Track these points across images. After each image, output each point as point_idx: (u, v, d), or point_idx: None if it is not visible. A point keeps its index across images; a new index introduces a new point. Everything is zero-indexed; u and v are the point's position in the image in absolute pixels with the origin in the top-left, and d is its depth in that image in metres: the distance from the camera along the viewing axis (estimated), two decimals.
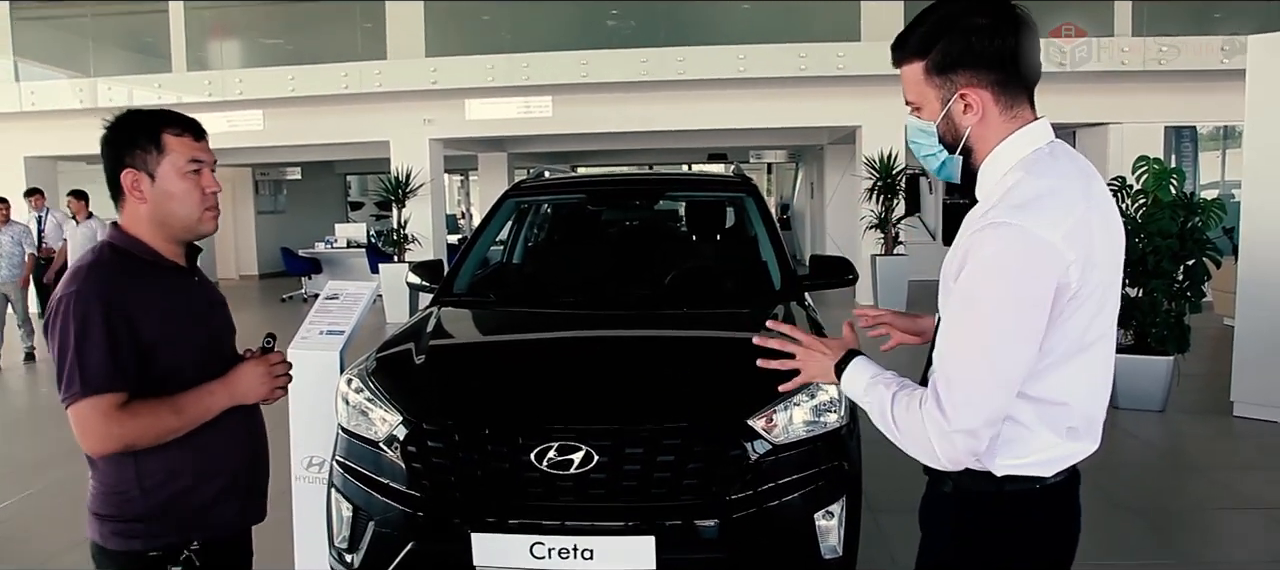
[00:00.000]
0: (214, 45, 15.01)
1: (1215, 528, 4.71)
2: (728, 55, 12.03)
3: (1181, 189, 6.62)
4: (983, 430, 1.61)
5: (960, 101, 1.66)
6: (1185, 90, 11.78)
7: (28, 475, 5.77)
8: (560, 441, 2.90)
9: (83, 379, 1.84)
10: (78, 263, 1.96)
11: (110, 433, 1.86)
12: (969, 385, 1.59)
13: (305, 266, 15.63)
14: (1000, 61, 1.64)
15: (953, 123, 1.69)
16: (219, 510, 2.08)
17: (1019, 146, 1.67)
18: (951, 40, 1.65)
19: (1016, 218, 1.55)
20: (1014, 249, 1.54)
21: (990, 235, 1.56)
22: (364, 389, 3.29)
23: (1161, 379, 6.61)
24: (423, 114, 13.07)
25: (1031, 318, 1.57)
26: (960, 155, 1.71)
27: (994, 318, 1.57)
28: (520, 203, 5.58)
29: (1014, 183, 1.61)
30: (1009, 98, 1.67)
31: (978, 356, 1.59)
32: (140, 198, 1.99)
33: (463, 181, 26.96)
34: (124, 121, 2.02)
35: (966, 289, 1.59)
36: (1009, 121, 1.67)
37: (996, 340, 1.58)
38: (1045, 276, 1.56)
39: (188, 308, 2.06)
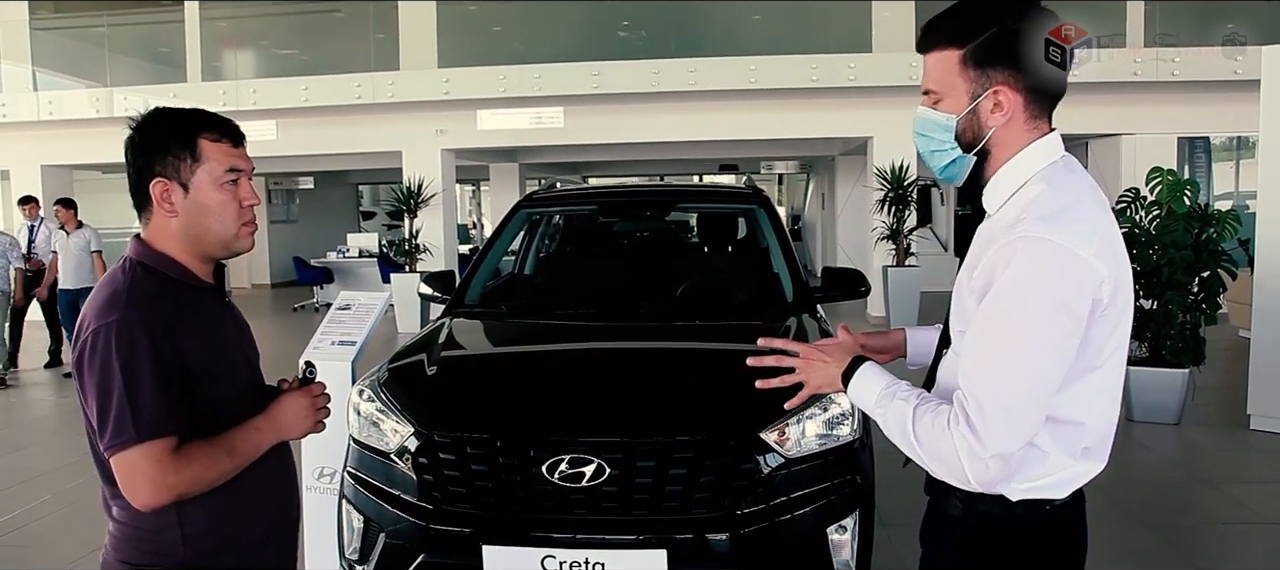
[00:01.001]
0: (229, 55, 15.12)
1: (1230, 542, 4.67)
2: (739, 66, 12.04)
3: (1196, 200, 6.58)
4: (1017, 454, 1.56)
5: (991, 98, 1.59)
6: (1198, 100, 11.72)
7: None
8: (572, 454, 2.90)
9: (137, 423, 1.61)
10: (109, 287, 1.72)
11: (165, 482, 1.63)
12: (1004, 406, 1.52)
13: (317, 276, 15.69)
14: (1040, 69, 1.58)
15: (977, 120, 1.61)
16: (262, 557, 1.88)
17: (1036, 158, 1.62)
18: (1000, 34, 1.58)
19: (1049, 232, 1.49)
20: (1049, 264, 1.49)
21: (1021, 249, 1.50)
22: (376, 400, 3.30)
23: (1177, 391, 6.56)
24: (435, 124, 13.11)
25: (1067, 335, 1.52)
26: (975, 157, 1.64)
27: (1029, 335, 1.51)
28: (532, 214, 5.58)
29: (1036, 195, 1.56)
30: (1037, 108, 1.62)
31: (1012, 375, 1.52)
32: (171, 211, 1.75)
33: (474, 192, 27.03)
34: (154, 123, 1.78)
35: (998, 305, 1.53)
36: (1031, 131, 1.62)
37: (1032, 358, 1.52)
38: (1082, 292, 1.51)
39: (224, 334, 1.86)
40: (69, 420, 7.62)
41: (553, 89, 12.40)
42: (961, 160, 1.65)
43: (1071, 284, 1.50)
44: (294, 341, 2.30)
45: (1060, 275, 1.49)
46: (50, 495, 5.50)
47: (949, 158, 1.66)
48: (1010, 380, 1.52)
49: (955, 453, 1.55)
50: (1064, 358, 1.53)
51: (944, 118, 1.64)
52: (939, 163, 1.68)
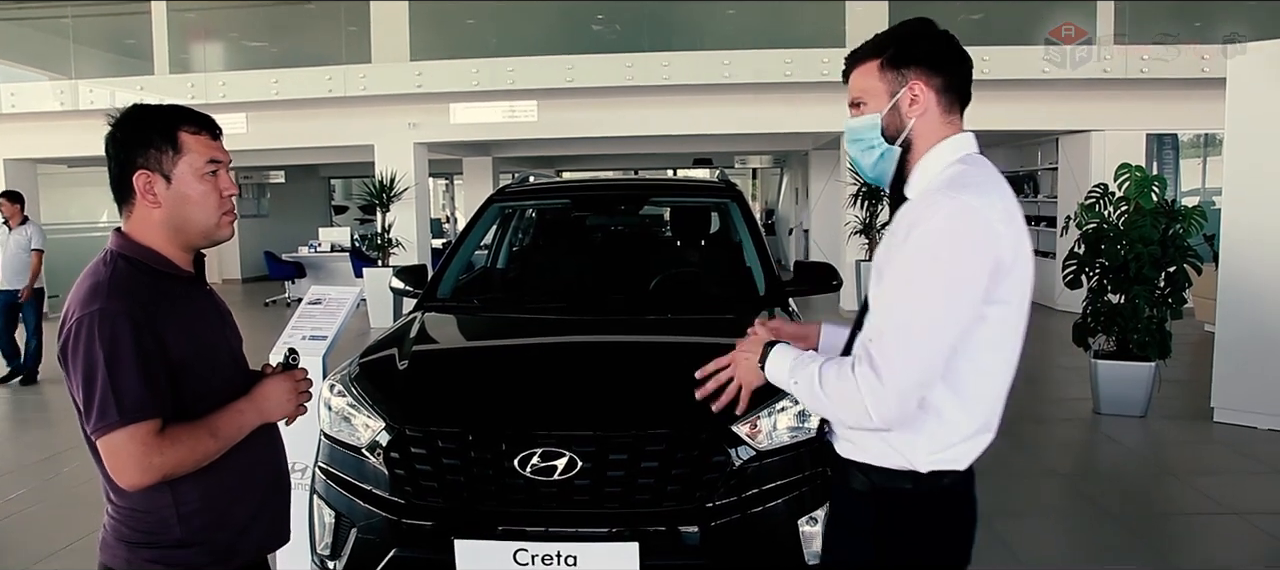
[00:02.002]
0: (197, 47, 14.91)
1: (1196, 532, 4.74)
2: (713, 60, 12.05)
3: (1163, 196, 6.67)
4: (913, 391, 1.71)
5: (909, 93, 1.81)
6: (1166, 98, 11.87)
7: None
8: (544, 448, 2.90)
9: (119, 406, 1.68)
10: (92, 279, 1.79)
11: (150, 463, 1.70)
12: (903, 344, 1.69)
13: (289, 271, 15.55)
14: (947, 68, 1.84)
15: (898, 114, 1.83)
16: (251, 534, 1.97)
17: (951, 151, 1.83)
18: (908, 40, 1.84)
19: (959, 195, 1.70)
20: (957, 221, 1.68)
21: (931, 209, 1.70)
22: (347, 394, 3.28)
23: (1143, 385, 6.66)
24: (407, 118, 13.02)
25: (967, 286, 1.69)
26: (899, 148, 1.84)
27: (930, 281, 1.68)
28: (504, 208, 5.56)
29: (954, 174, 1.77)
30: (949, 103, 1.85)
31: (913, 317, 1.69)
32: (154, 202, 1.83)
33: (447, 185, 26.91)
34: (135, 117, 1.86)
35: (908, 256, 1.71)
36: (946, 126, 1.84)
37: (932, 304, 1.68)
38: (983, 249, 1.69)
39: (207, 322, 1.93)
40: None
41: (526, 83, 12.35)
42: (888, 153, 1.86)
43: (976, 240, 1.69)
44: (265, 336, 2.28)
45: (966, 231, 1.68)
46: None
47: (877, 153, 1.87)
48: (911, 321, 1.69)
49: (857, 391, 1.71)
50: (964, 308, 1.70)
51: (870, 118, 1.86)
52: (869, 161, 1.90)
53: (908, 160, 1.85)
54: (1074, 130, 12.47)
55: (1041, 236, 13.95)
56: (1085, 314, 6.86)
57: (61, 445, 6.44)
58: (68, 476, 5.75)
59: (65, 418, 7.11)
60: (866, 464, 1.86)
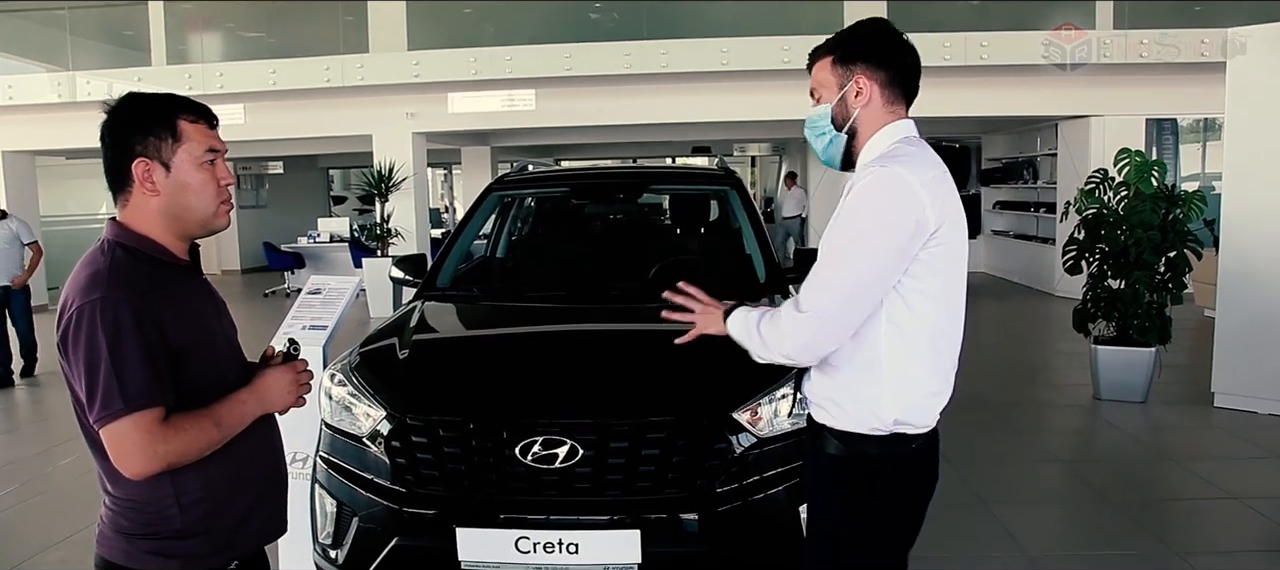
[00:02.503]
0: (194, 38, 14.87)
1: (1196, 517, 4.75)
2: (711, 48, 12.01)
3: (1163, 181, 6.66)
4: (831, 320, 1.95)
5: (854, 86, 2.05)
6: (1166, 83, 11.84)
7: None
8: (545, 436, 2.89)
9: (124, 394, 1.67)
10: (90, 268, 1.77)
11: (155, 451, 1.69)
12: (823, 282, 1.96)
13: (288, 261, 15.54)
14: (890, 64, 2.07)
15: (846, 104, 2.08)
16: (251, 525, 1.97)
17: (892, 135, 2.06)
18: (857, 39, 2.09)
19: (889, 164, 1.96)
20: (880, 186, 1.93)
21: (862, 179, 1.96)
22: (347, 384, 3.27)
23: (1143, 370, 6.66)
24: (405, 107, 12.99)
25: (885, 237, 1.93)
26: (846, 135, 2.10)
27: (852, 232, 1.96)
28: (504, 196, 5.55)
29: (890, 150, 2.01)
30: (892, 95, 2.07)
31: (833, 260, 1.97)
32: (153, 190, 1.81)
33: (446, 175, 26.86)
34: (133, 105, 1.84)
35: (838, 218, 2.00)
36: (888, 115, 2.07)
37: (851, 250, 1.95)
38: (903, 208, 1.92)
39: (204, 310, 1.93)
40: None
41: (524, 71, 12.31)
42: (836, 139, 2.11)
43: (896, 199, 1.93)
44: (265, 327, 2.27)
45: (886, 192, 1.93)
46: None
47: (827, 138, 2.12)
48: (833, 264, 1.97)
49: (782, 326, 1.99)
50: (883, 258, 1.94)
51: (822, 108, 2.12)
52: (821, 145, 2.15)
53: (854, 145, 2.10)
54: (1074, 115, 12.45)
55: (1041, 223, 13.96)
56: (1085, 300, 6.86)
57: (56, 439, 6.44)
58: (64, 470, 5.76)
59: (60, 412, 7.13)
60: (840, 429, 2.08)
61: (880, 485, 2.07)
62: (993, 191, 16.02)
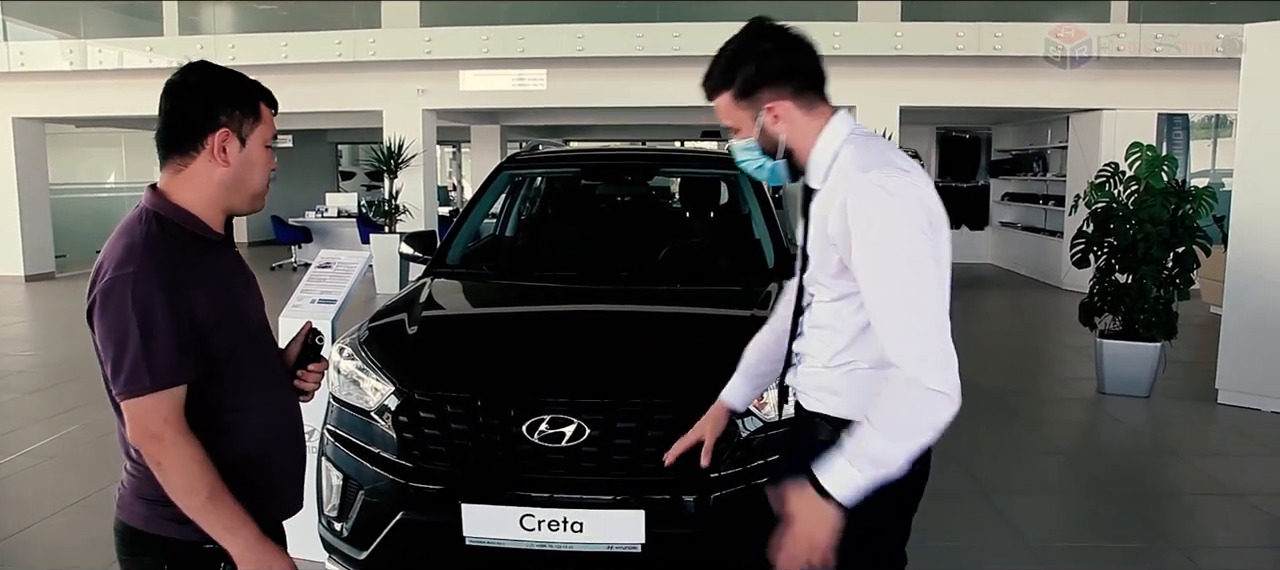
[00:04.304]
0: (207, 10, 14.85)
1: (1197, 512, 4.76)
2: (724, 32, 11.45)
3: (1173, 176, 6.64)
4: (945, 349, 1.73)
5: (768, 114, 1.92)
6: (1179, 78, 11.78)
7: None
8: (552, 414, 2.91)
9: (151, 371, 1.69)
10: (126, 238, 1.77)
11: (165, 435, 1.72)
12: (912, 325, 1.74)
13: (295, 235, 15.57)
14: (790, 75, 1.92)
15: (768, 134, 1.94)
16: (272, 498, 1.98)
17: (834, 136, 1.92)
18: (747, 68, 1.93)
19: (884, 178, 1.78)
20: (896, 199, 1.77)
21: (870, 197, 1.77)
22: (356, 358, 3.29)
23: (1148, 365, 6.66)
24: (416, 84, 12.98)
25: (933, 251, 1.78)
26: (783, 159, 1.96)
27: (909, 260, 1.76)
28: (514, 175, 5.56)
29: (853, 155, 1.86)
30: (808, 101, 1.93)
31: (915, 299, 1.75)
32: (223, 160, 1.83)
33: (454, 153, 26.84)
34: (223, 76, 1.87)
35: (876, 250, 1.77)
36: (815, 119, 1.93)
37: (921, 278, 1.76)
38: (929, 215, 1.79)
39: (234, 284, 1.94)
40: None
41: (536, 51, 12.29)
42: (775, 165, 1.98)
43: (922, 210, 1.78)
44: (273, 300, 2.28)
45: (910, 207, 1.78)
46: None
47: (767, 167, 1.99)
48: (916, 304, 1.75)
49: (911, 396, 1.71)
50: (938, 269, 1.78)
51: (747, 142, 1.98)
52: (762, 175, 2.03)
53: (795, 160, 1.96)
54: (1085, 109, 12.39)
55: (1050, 215, 13.92)
56: (1092, 293, 6.85)
57: (76, 402, 6.48)
58: (81, 431, 5.80)
59: (83, 373, 7.18)
60: (838, 416, 1.94)
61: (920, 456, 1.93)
62: (1002, 183, 15.97)
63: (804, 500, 1.79)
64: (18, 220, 13.96)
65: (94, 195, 18.10)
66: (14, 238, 14.02)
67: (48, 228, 14.60)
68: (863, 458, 1.74)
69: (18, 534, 4.26)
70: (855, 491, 1.75)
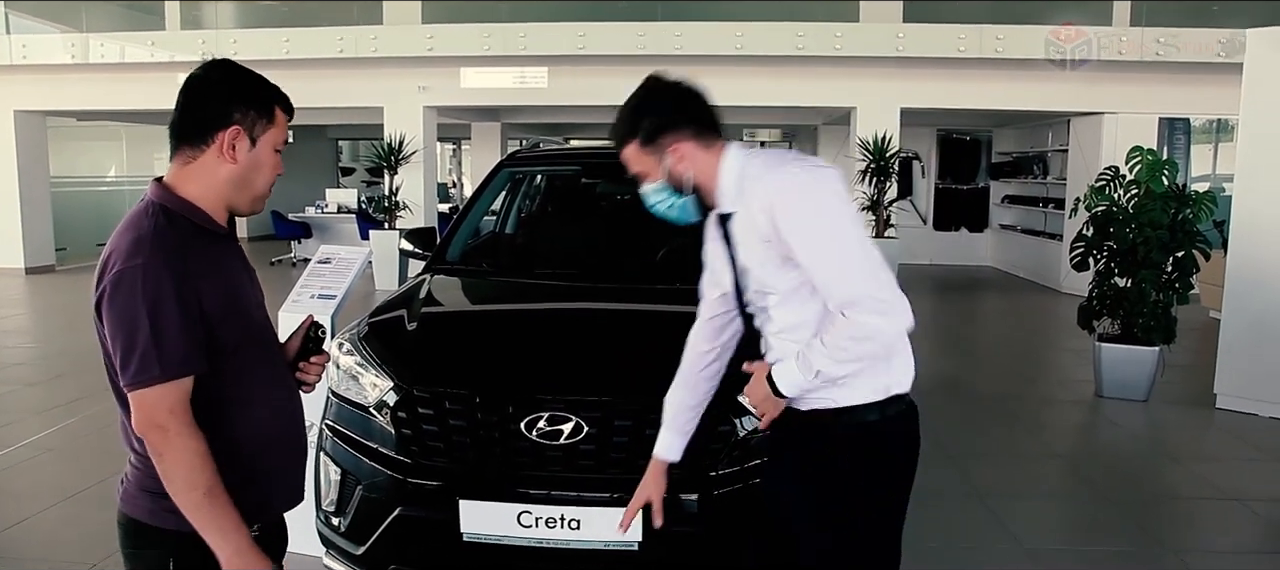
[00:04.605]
0: (209, 5, 14.86)
1: (1194, 517, 4.77)
2: (726, 32, 11.98)
3: (1174, 181, 6.64)
4: (895, 288, 1.99)
5: (672, 155, 2.14)
6: (1180, 82, 11.79)
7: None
8: (550, 412, 2.91)
9: (161, 361, 1.70)
10: (133, 231, 1.78)
11: (170, 427, 1.72)
12: (862, 268, 1.98)
13: (295, 230, 15.57)
14: (690, 120, 2.15)
15: (674, 174, 2.16)
16: (274, 493, 1.99)
17: (733, 163, 2.15)
18: (649, 117, 2.16)
19: (797, 166, 2.09)
20: (816, 178, 2.05)
21: (791, 185, 2.04)
22: (355, 353, 3.30)
23: (1146, 369, 6.66)
24: (417, 81, 12.98)
25: (853, 215, 2.08)
26: (691, 194, 2.19)
27: (843, 225, 2.03)
28: (514, 173, 5.56)
29: (758, 166, 2.11)
30: (706, 140, 2.15)
31: (848, 249, 2.00)
32: (231, 157, 1.85)
33: (454, 150, 26.84)
34: (242, 75, 1.90)
35: (810, 224, 2.01)
36: (713, 153, 2.15)
37: (857, 236, 2.03)
38: (841, 187, 2.07)
39: (237, 279, 1.95)
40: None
41: (537, 49, 12.30)
42: (684, 202, 2.21)
43: (832, 183, 2.06)
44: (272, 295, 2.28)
45: (821, 181, 2.05)
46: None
47: (678, 205, 2.22)
48: (846, 251, 2.00)
49: (868, 328, 1.98)
50: (860, 225, 2.07)
51: (656, 185, 2.20)
52: (674, 214, 2.24)
53: (702, 193, 2.18)
54: (1086, 112, 12.40)
55: (1049, 218, 13.93)
56: (1091, 296, 6.86)
57: (75, 395, 6.48)
58: (80, 424, 5.81)
59: (83, 366, 7.18)
60: (836, 408, 2.12)
61: (879, 443, 2.15)
62: (1002, 185, 15.98)
63: (761, 388, 2.16)
64: (18, 213, 13.97)
65: (94, 189, 18.10)
66: (14, 230, 14.03)
67: (48, 221, 14.61)
68: (810, 372, 2.04)
69: (16, 526, 4.27)
70: (799, 390, 2.10)
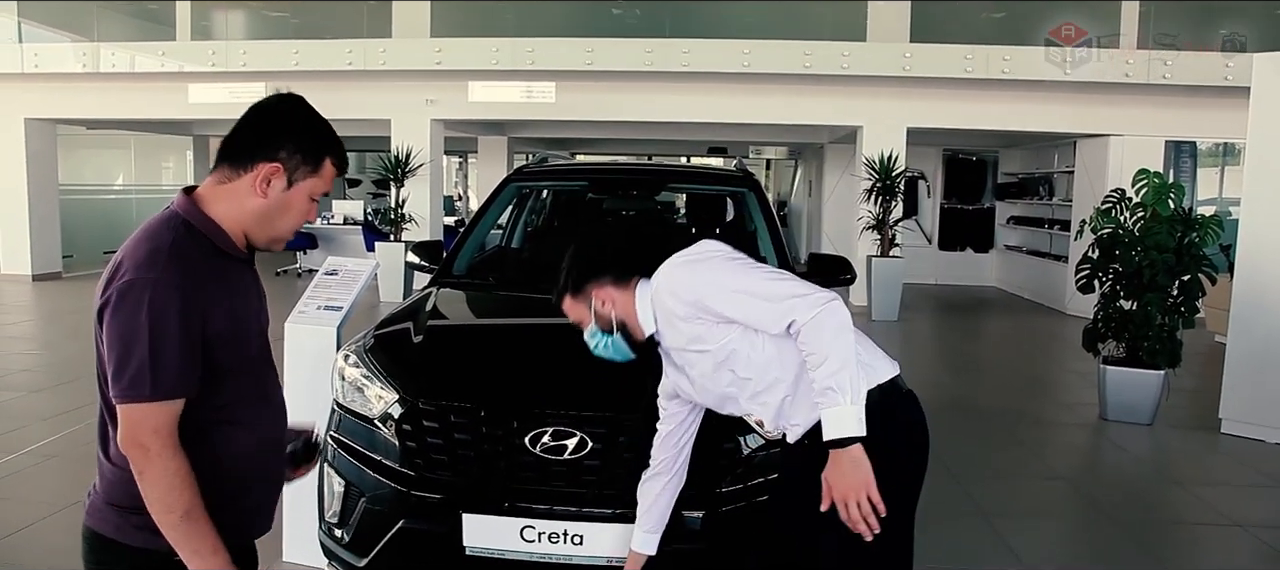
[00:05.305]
0: (219, 15, 14.94)
1: (1197, 542, 4.75)
2: (732, 49, 12.02)
3: (1180, 204, 6.64)
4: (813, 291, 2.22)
5: (597, 300, 2.45)
6: (1187, 105, 11.80)
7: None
8: (555, 427, 2.92)
9: (154, 381, 1.67)
10: (152, 241, 1.74)
11: (152, 448, 1.69)
12: (786, 295, 2.22)
13: (300, 241, 15.56)
14: (604, 269, 2.47)
15: (600, 316, 2.45)
16: (245, 519, 1.94)
17: (645, 288, 2.44)
18: (575, 273, 2.50)
19: (674, 266, 2.40)
20: (690, 260, 2.40)
21: (672, 275, 2.38)
22: (361, 365, 3.30)
23: (1151, 392, 6.64)
24: (425, 94, 13.03)
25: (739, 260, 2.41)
26: (618, 332, 2.44)
27: (734, 275, 2.32)
28: (521, 187, 5.58)
29: (658, 284, 2.41)
30: (622, 283, 2.45)
31: (760, 285, 2.28)
32: (263, 192, 1.80)
33: (461, 163, 26.88)
34: (306, 117, 1.86)
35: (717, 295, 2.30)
36: (629, 291, 2.45)
37: (751, 275, 2.34)
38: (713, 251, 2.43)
39: (247, 304, 1.91)
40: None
41: (545, 64, 12.33)
42: (614, 339, 2.46)
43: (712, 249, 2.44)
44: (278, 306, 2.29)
45: (703, 256, 2.41)
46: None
47: (608, 341, 2.46)
48: (763, 284, 2.29)
49: (824, 327, 2.15)
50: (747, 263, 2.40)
51: (591, 328, 2.48)
52: (609, 351, 2.48)
53: (630, 331, 2.45)
54: (1093, 134, 12.41)
55: (1055, 240, 13.92)
56: (1096, 319, 6.85)
57: (80, 401, 6.49)
58: (85, 431, 5.81)
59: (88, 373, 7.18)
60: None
61: (890, 417, 2.27)
62: (1007, 206, 15.98)
63: (836, 464, 2.16)
64: (27, 220, 14.01)
65: (101, 197, 18.16)
66: (22, 237, 14.07)
67: (56, 228, 14.64)
68: (835, 392, 2.12)
69: (19, 532, 4.27)
70: (858, 418, 2.13)
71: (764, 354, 2.31)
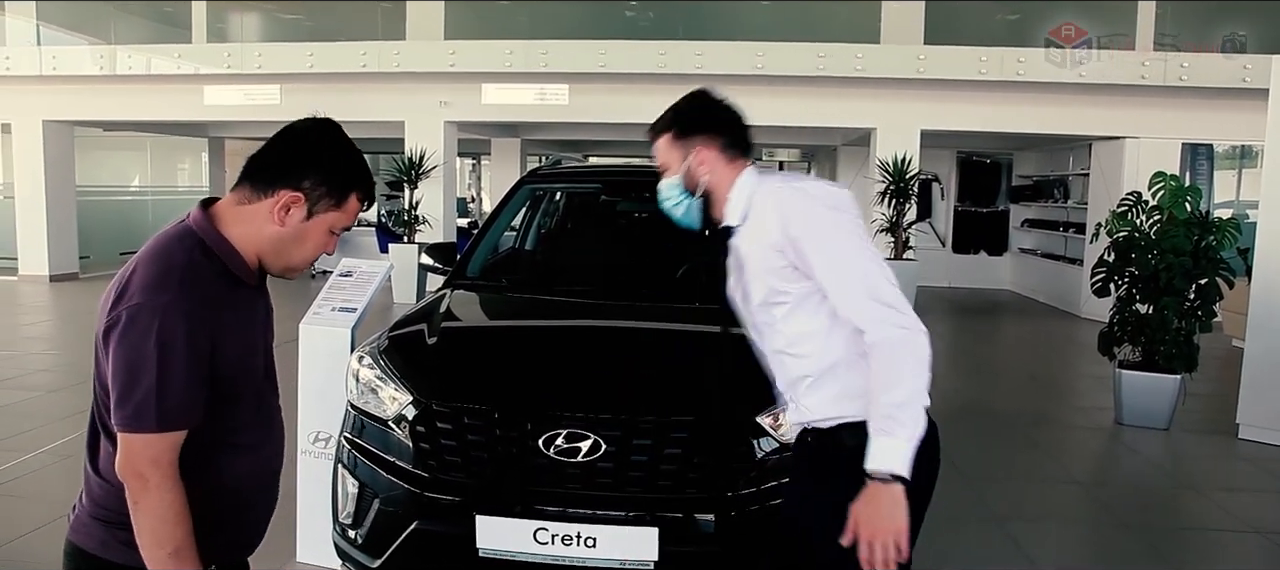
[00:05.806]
0: (235, 18, 15.03)
1: (1213, 548, 4.71)
2: (746, 51, 12.00)
3: (1197, 207, 6.59)
4: (909, 310, 1.99)
5: (697, 157, 2.23)
6: (1204, 107, 11.71)
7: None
8: (569, 429, 2.92)
9: (159, 411, 1.63)
10: (164, 262, 1.70)
11: (150, 478, 1.65)
12: (882, 296, 1.98)
13: None
14: (723, 131, 2.25)
15: (691, 174, 2.25)
16: (233, 540, 1.91)
17: (747, 183, 2.22)
18: (687, 115, 2.28)
19: (809, 186, 2.18)
20: (820, 195, 2.12)
21: (795, 202, 2.10)
22: (375, 367, 3.31)
23: (1168, 397, 6.59)
24: (439, 96, 13.06)
25: (862, 231, 2.10)
26: (700, 198, 2.27)
27: (855, 244, 2.05)
28: (535, 190, 5.58)
29: (770, 185, 2.18)
30: (732, 155, 2.24)
31: (863, 271, 2.01)
32: (280, 219, 1.76)
33: (474, 165, 26.94)
34: (338, 147, 1.81)
35: (825, 242, 2.05)
36: (733, 170, 2.24)
37: (869, 255, 2.04)
38: (848, 204, 2.12)
39: (254, 329, 1.88)
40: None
41: (558, 66, 12.35)
42: (691, 203, 2.29)
43: (837, 200, 2.11)
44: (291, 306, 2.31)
45: (829, 199, 2.11)
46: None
47: (684, 204, 2.29)
48: (866, 271, 2.02)
49: (899, 349, 1.95)
50: (869, 242, 2.09)
51: (673, 180, 2.29)
52: (680, 211, 2.32)
53: (712, 203, 2.27)
54: (1108, 136, 12.34)
55: (1070, 243, 13.84)
56: (1112, 323, 6.80)
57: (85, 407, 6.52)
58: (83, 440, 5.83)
59: None
60: (853, 422, 2.06)
61: (921, 452, 2.03)
62: (1022, 209, 15.90)
63: (873, 499, 1.94)
64: (44, 221, 14.12)
65: (118, 198, 18.29)
66: (40, 238, 14.18)
67: (73, 229, 14.76)
68: (895, 422, 1.93)
69: (34, 531, 4.30)
70: (907, 458, 1.93)
71: (811, 324, 2.09)
